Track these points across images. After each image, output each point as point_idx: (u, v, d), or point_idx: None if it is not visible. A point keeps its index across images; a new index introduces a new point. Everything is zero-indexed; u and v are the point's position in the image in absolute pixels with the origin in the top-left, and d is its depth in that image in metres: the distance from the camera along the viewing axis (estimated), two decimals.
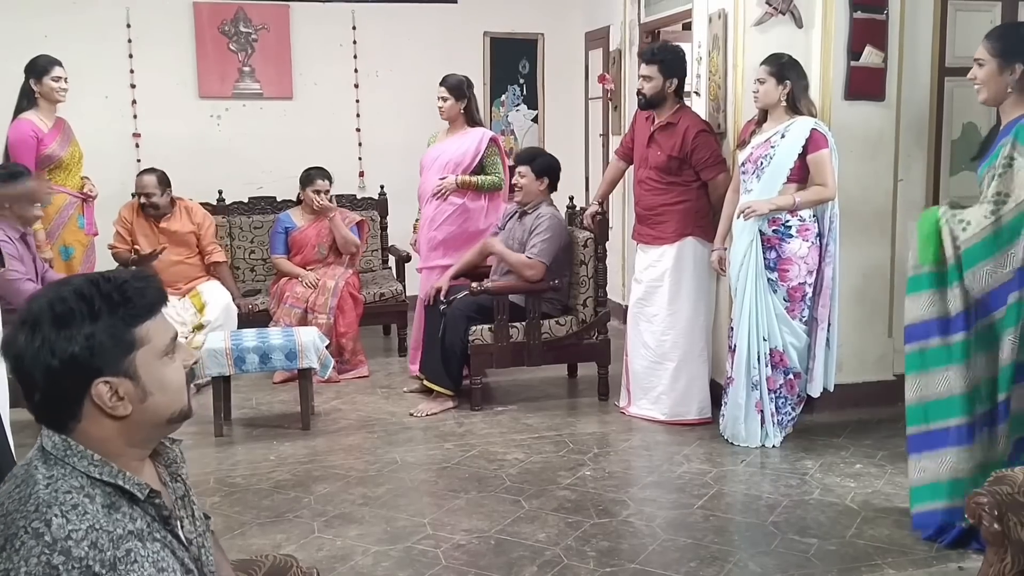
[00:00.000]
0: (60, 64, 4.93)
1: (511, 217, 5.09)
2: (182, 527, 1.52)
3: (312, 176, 5.66)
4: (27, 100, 4.89)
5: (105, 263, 5.39)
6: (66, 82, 4.94)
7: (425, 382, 4.94)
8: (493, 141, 5.35)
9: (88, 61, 5.85)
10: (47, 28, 6.02)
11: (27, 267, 4.40)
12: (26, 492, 1.34)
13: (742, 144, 4.23)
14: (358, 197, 6.53)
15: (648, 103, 4.52)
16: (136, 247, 5.40)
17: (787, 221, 4.05)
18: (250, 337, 4.60)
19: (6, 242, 4.24)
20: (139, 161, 6.36)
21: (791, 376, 4.18)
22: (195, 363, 1.62)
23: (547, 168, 4.99)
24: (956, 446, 3.14)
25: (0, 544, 1.29)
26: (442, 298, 4.98)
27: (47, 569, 1.27)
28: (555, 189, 5.08)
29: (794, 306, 4.11)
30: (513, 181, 5.04)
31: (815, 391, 4.22)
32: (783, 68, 4.02)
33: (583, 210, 5.12)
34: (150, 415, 1.45)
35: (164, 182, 5.48)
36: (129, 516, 1.40)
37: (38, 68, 4.89)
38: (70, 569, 1.28)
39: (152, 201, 5.43)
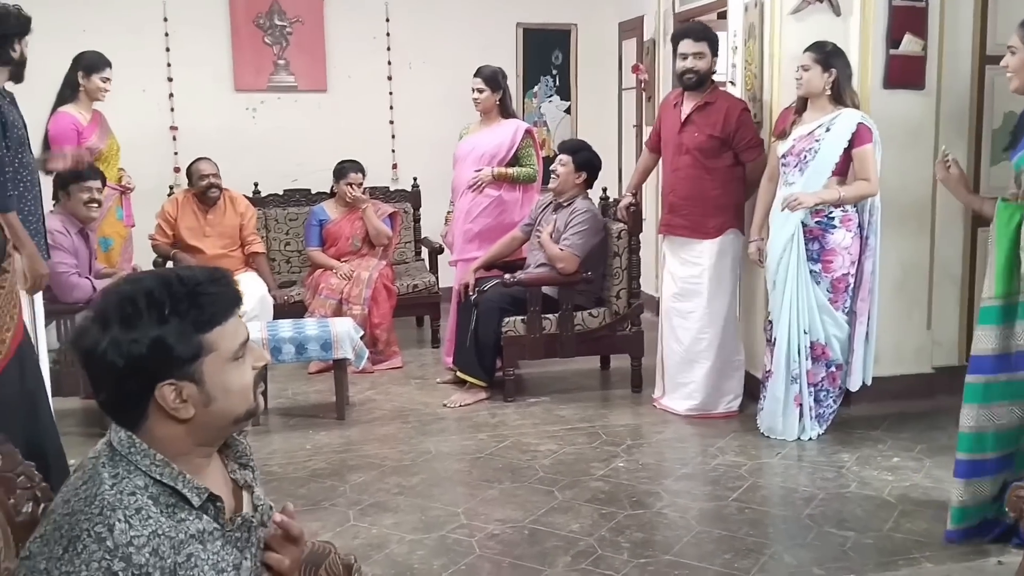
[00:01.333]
0: (110, 65, 4.99)
1: (544, 208, 5.08)
2: (223, 512, 1.51)
3: (346, 169, 5.70)
4: (70, 91, 4.94)
5: (142, 254, 5.46)
6: (110, 83, 5.01)
7: (458, 373, 4.95)
8: (528, 133, 5.34)
9: (125, 55, 5.89)
10: (85, 22, 6.08)
11: (80, 261, 4.47)
12: (92, 491, 1.34)
13: (781, 135, 4.17)
14: (391, 189, 6.55)
15: (699, 81, 4.39)
16: (191, 246, 5.49)
17: (830, 212, 4.00)
18: (286, 328, 4.64)
19: (62, 234, 4.32)
20: (176, 154, 6.44)
21: (833, 368, 4.13)
22: (265, 365, 1.61)
23: (588, 163, 4.98)
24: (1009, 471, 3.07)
25: (64, 545, 1.30)
26: (471, 292, 5.00)
27: (107, 575, 1.28)
28: (591, 186, 5.07)
29: (837, 297, 4.06)
30: (552, 168, 5.02)
31: (854, 385, 4.18)
32: (829, 56, 3.96)
33: (616, 202, 5.10)
34: (214, 418, 1.44)
35: (217, 168, 5.59)
36: (196, 515, 1.41)
37: (90, 64, 4.93)
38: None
39: (217, 183, 5.54)
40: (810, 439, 4.13)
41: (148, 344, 1.35)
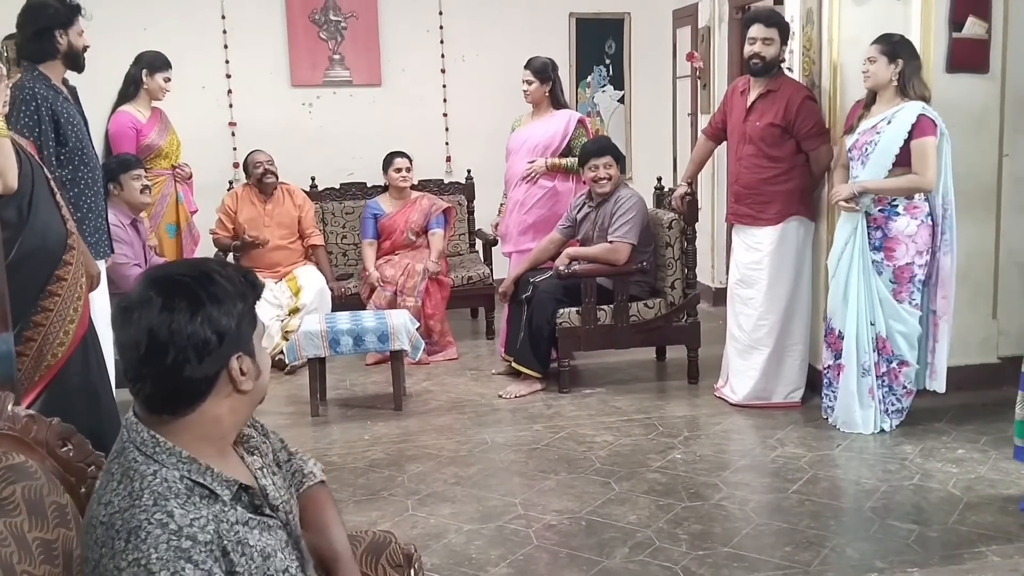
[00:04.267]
0: (171, 66, 5.10)
1: (581, 208, 5.04)
2: (267, 495, 1.54)
3: (391, 158, 5.80)
4: (133, 88, 5.06)
5: (206, 241, 5.58)
6: (171, 84, 5.11)
7: (513, 364, 4.97)
8: (581, 123, 5.35)
9: (185, 52, 6.00)
10: (146, 20, 6.22)
11: (135, 252, 4.58)
12: (136, 486, 1.36)
13: (850, 129, 4.07)
14: (445, 182, 6.58)
15: (765, 67, 4.31)
16: (250, 235, 5.58)
17: (893, 200, 3.92)
18: (344, 320, 4.70)
19: (117, 226, 4.42)
20: (235, 149, 6.55)
21: (895, 365, 4.04)
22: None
23: (621, 155, 4.99)
24: None
25: (124, 537, 1.31)
26: (504, 299, 5.13)
27: (178, 552, 1.31)
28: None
29: (901, 288, 3.97)
30: (602, 175, 4.87)
31: (939, 386, 4.08)
32: (895, 47, 3.87)
33: (671, 191, 5.06)
34: (257, 393, 1.52)
35: (272, 160, 5.71)
36: (230, 506, 1.43)
37: (153, 63, 5.03)
38: (200, 551, 1.32)
39: (272, 169, 5.66)
40: (882, 430, 4.05)
41: (236, 317, 1.44)
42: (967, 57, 4.26)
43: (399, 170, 5.75)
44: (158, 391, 1.42)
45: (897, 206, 3.93)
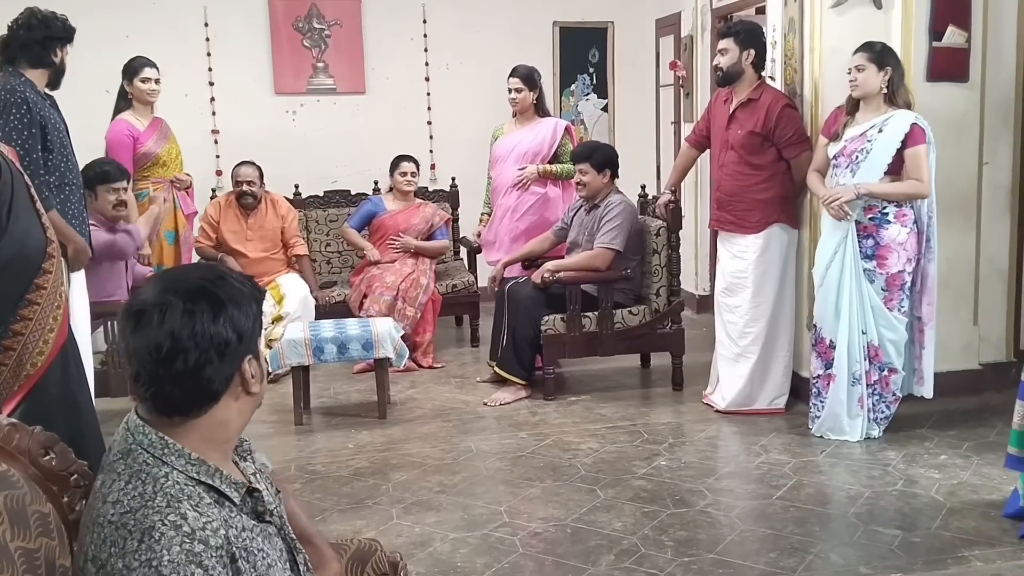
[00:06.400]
0: (152, 65, 5.06)
1: (577, 211, 5.07)
2: (262, 500, 1.55)
3: (398, 161, 5.83)
4: (123, 101, 5.06)
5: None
6: (157, 83, 5.07)
7: (497, 371, 4.96)
8: (567, 130, 5.39)
9: (168, 60, 5.93)
10: (129, 28, 6.20)
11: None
12: (149, 488, 1.36)
13: (833, 136, 4.07)
14: (430, 189, 6.58)
15: (726, 77, 4.38)
16: (223, 257, 5.56)
17: (884, 208, 3.93)
18: (328, 328, 4.68)
19: (94, 226, 4.39)
20: (218, 157, 6.52)
21: (886, 372, 4.06)
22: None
23: (607, 160, 4.93)
24: None
25: (138, 538, 1.32)
26: (495, 286, 5.14)
27: (190, 556, 1.31)
28: (617, 177, 5.02)
29: (892, 295, 3.98)
30: (576, 180, 4.98)
31: (928, 391, 4.11)
32: (882, 55, 3.89)
33: (655, 199, 5.08)
34: (260, 397, 1.53)
35: (261, 175, 5.66)
36: (237, 510, 1.44)
37: (130, 70, 5.03)
38: (210, 556, 1.32)
39: (252, 191, 5.60)
40: (867, 438, 4.07)
41: (253, 318, 1.48)
42: (947, 66, 4.30)
43: (405, 173, 5.77)
44: (175, 392, 1.42)
45: (888, 214, 3.94)
